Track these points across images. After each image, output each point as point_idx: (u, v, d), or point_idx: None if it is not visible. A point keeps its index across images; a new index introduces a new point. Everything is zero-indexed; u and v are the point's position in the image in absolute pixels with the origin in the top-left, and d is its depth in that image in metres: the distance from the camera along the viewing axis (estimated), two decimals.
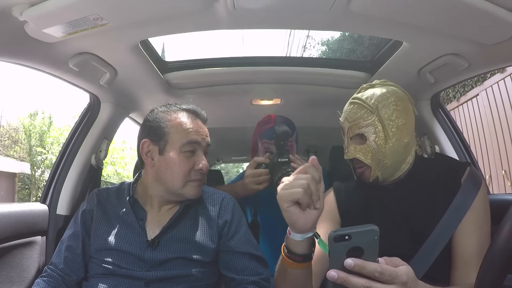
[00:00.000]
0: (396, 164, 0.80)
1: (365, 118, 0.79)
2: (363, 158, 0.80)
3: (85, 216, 0.88)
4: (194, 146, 0.85)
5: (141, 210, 0.86)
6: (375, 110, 0.79)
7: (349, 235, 0.48)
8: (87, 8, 0.70)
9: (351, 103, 0.83)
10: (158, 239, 0.82)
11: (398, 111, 0.79)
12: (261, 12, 0.81)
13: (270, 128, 1.20)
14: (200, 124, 0.89)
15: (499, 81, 3.40)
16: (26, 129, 9.22)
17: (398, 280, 0.49)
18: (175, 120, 0.85)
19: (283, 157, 1.00)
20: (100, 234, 0.84)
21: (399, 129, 0.79)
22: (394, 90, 0.81)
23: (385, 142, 0.78)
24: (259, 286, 0.84)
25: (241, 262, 0.86)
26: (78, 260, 0.84)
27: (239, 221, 0.90)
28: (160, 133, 0.84)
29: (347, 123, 0.83)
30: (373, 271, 0.48)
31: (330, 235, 0.49)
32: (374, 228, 0.49)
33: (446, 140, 1.24)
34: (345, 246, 0.49)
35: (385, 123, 0.78)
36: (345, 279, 0.48)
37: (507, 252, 0.46)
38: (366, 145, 0.79)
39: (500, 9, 0.70)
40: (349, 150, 0.82)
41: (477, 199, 0.76)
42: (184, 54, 69.31)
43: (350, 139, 0.82)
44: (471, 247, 0.73)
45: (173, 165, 0.83)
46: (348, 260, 0.48)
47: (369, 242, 0.49)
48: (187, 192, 0.84)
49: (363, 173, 0.83)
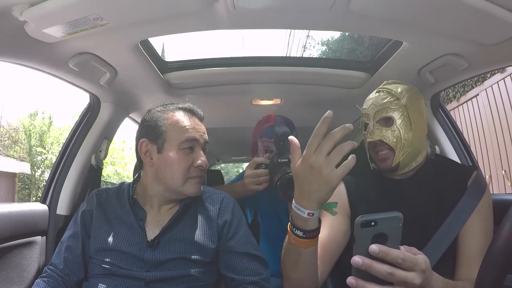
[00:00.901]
0: (415, 154, 0.83)
1: (393, 103, 0.83)
2: (388, 140, 0.82)
3: (84, 217, 0.88)
4: (192, 143, 0.85)
5: (141, 210, 0.86)
6: (402, 97, 0.82)
7: (375, 221, 0.49)
8: (87, 8, 0.70)
9: (379, 91, 0.86)
10: (158, 240, 0.82)
11: (419, 105, 0.84)
12: (261, 12, 0.81)
13: (270, 127, 1.20)
14: (197, 121, 0.89)
15: (499, 81, 3.40)
16: (26, 129, 9.22)
17: (418, 268, 0.51)
18: (172, 118, 0.86)
19: (282, 157, 1.00)
20: (100, 235, 0.84)
21: (420, 121, 0.83)
22: (412, 87, 0.86)
23: (409, 128, 0.81)
24: (259, 286, 0.84)
25: (241, 262, 0.86)
26: (78, 260, 0.84)
27: (239, 221, 0.90)
28: (158, 132, 0.84)
29: (374, 107, 0.85)
30: (396, 258, 0.49)
31: (357, 221, 0.49)
32: (399, 215, 0.49)
33: (446, 140, 1.24)
34: (370, 232, 0.49)
35: (411, 110, 0.82)
36: (369, 265, 0.49)
37: (507, 252, 0.47)
38: (392, 129, 0.82)
39: (500, 9, 0.70)
40: (374, 132, 0.84)
41: (482, 202, 0.78)
42: (184, 54, 69.27)
43: (376, 122, 0.84)
44: (475, 245, 0.75)
45: (172, 163, 0.83)
46: (373, 246, 0.48)
47: (393, 228, 0.49)
48: (187, 190, 0.84)
49: (386, 158, 0.84)
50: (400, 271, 0.50)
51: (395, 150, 0.82)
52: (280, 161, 1.00)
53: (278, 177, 0.94)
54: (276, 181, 0.93)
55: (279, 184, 0.92)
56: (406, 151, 0.81)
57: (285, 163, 0.98)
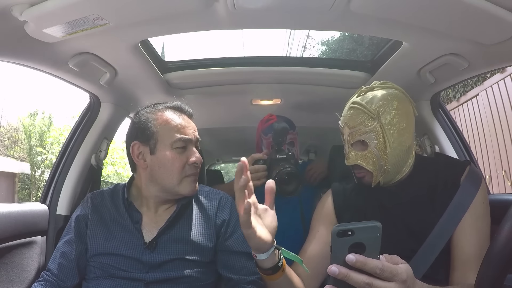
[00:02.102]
0: (397, 168, 0.79)
1: (366, 124, 0.77)
2: (364, 164, 0.79)
3: (79, 223, 0.87)
4: (185, 142, 0.84)
5: (136, 213, 0.86)
6: (376, 116, 0.76)
7: (352, 230, 0.48)
8: (87, 8, 0.70)
9: (351, 107, 0.80)
10: (155, 241, 0.82)
11: (399, 115, 0.77)
12: (261, 12, 0.81)
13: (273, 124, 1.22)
14: (186, 119, 0.88)
15: (499, 81, 3.40)
16: (26, 129, 9.22)
17: (398, 278, 0.50)
18: (162, 118, 0.85)
19: (281, 153, 1.00)
20: (97, 239, 0.84)
21: (400, 133, 0.77)
22: (394, 93, 0.79)
23: (386, 148, 0.76)
24: (257, 285, 0.83)
25: (239, 261, 0.85)
26: (72, 266, 0.84)
27: (236, 220, 0.89)
28: (149, 133, 0.83)
29: (347, 129, 0.80)
30: (374, 268, 0.48)
31: (334, 230, 0.49)
32: (377, 225, 0.49)
33: (446, 140, 1.24)
34: (347, 241, 0.49)
35: (386, 128, 0.76)
36: (346, 275, 0.48)
37: (507, 252, 0.46)
38: (368, 151, 0.78)
39: (500, 9, 0.70)
40: (350, 156, 0.81)
41: (476, 199, 0.75)
42: (184, 54, 69.29)
43: (350, 145, 0.81)
44: (469, 248, 0.72)
45: (167, 162, 0.82)
46: (350, 256, 0.48)
47: (371, 238, 0.49)
48: (183, 189, 0.84)
49: (364, 177, 0.82)
50: (378, 282, 0.49)
51: (373, 172, 0.79)
52: (278, 157, 1.00)
53: (276, 172, 0.94)
54: (274, 176, 0.94)
55: (277, 179, 0.92)
56: (386, 170, 0.78)
57: (284, 159, 0.99)
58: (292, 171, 0.93)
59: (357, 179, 0.85)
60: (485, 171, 3.57)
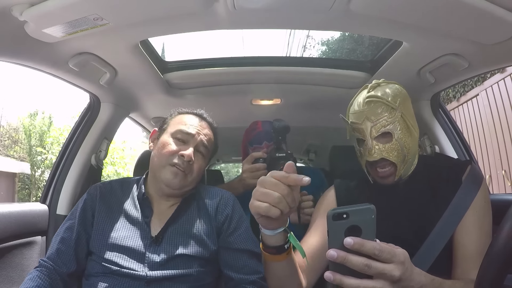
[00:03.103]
0: (413, 159, 0.81)
1: (388, 115, 0.77)
2: (390, 156, 0.77)
3: (85, 210, 0.87)
4: (186, 136, 0.88)
5: (148, 207, 0.88)
6: (398, 106, 0.78)
7: (347, 213, 0.49)
8: (87, 8, 0.70)
9: (369, 101, 0.79)
10: (161, 235, 0.83)
11: (410, 105, 0.82)
12: (261, 12, 0.81)
13: (258, 133, 1.19)
14: (203, 124, 0.93)
15: (499, 81, 3.40)
16: (26, 129, 9.21)
17: (396, 259, 0.50)
18: (180, 115, 0.95)
19: (280, 152, 1.00)
20: (104, 229, 0.84)
21: (414, 123, 0.81)
22: (400, 88, 0.82)
23: (408, 137, 0.78)
24: (258, 285, 0.83)
25: (240, 259, 0.85)
26: (70, 252, 0.83)
27: (239, 217, 0.90)
28: (165, 123, 0.94)
29: (368, 122, 0.78)
30: (372, 249, 0.48)
31: (329, 213, 0.49)
32: (371, 207, 0.49)
33: (446, 140, 1.24)
34: (343, 225, 0.49)
35: (407, 118, 0.78)
36: (344, 258, 0.49)
37: (507, 252, 0.46)
38: (392, 143, 0.77)
39: (500, 9, 0.70)
40: (375, 151, 0.78)
41: (478, 197, 0.76)
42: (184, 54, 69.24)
43: (374, 139, 0.78)
44: (472, 245, 0.73)
45: (162, 147, 0.87)
46: (348, 239, 0.48)
47: (366, 221, 0.49)
48: (163, 175, 0.85)
49: (388, 175, 0.80)
50: (377, 263, 0.49)
51: (397, 164, 0.77)
52: (278, 156, 1.00)
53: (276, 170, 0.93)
54: None
55: None
56: (406, 161, 0.78)
57: (283, 157, 0.99)
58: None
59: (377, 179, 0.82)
60: (485, 171, 3.57)
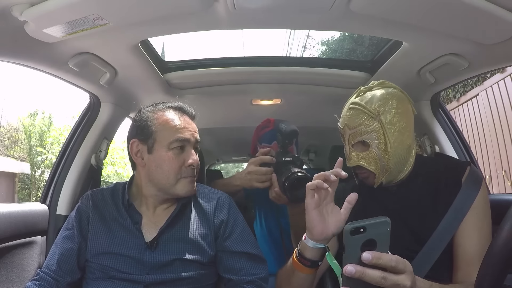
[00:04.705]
0: (399, 167, 0.79)
1: (366, 124, 0.77)
2: (366, 165, 0.78)
3: (80, 218, 0.86)
4: (182, 143, 0.83)
5: (136, 213, 0.86)
6: (376, 115, 0.76)
7: (364, 227, 0.49)
8: (87, 8, 0.70)
9: (350, 108, 0.80)
10: (156, 241, 0.82)
11: (399, 114, 0.77)
12: (261, 12, 0.81)
13: (269, 132, 1.19)
14: (187, 120, 0.87)
15: (499, 81, 3.40)
16: (26, 129, 9.21)
17: (408, 269, 0.51)
18: (162, 118, 0.84)
19: (287, 156, 0.99)
20: (98, 238, 0.83)
21: (400, 132, 0.77)
22: (393, 92, 0.79)
23: (387, 148, 0.76)
24: (256, 285, 0.83)
25: (238, 262, 0.85)
26: (72, 261, 0.83)
27: (235, 220, 0.89)
28: (148, 132, 0.83)
29: (347, 130, 0.80)
30: (389, 262, 0.49)
31: (346, 228, 0.49)
32: (387, 220, 0.50)
33: (446, 140, 1.24)
34: (360, 239, 0.49)
35: (387, 128, 0.76)
36: (362, 273, 0.49)
37: (507, 252, 0.46)
38: (369, 152, 0.77)
39: (500, 9, 0.70)
40: (351, 157, 0.80)
41: (478, 199, 0.75)
42: (184, 54, 69.25)
43: (351, 146, 0.80)
44: (472, 247, 0.72)
45: (163, 163, 0.82)
46: (366, 254, 0.48)
47: (381, 234, 0.50)
48: (180, 190, 0.83)
49: (367, 178, 0.81)
50: (392, 275, 0.50)
51: (375, 173, 0.78)
52: (285, 160, 0.98)
53: (285, 177, 0.91)
54: (283, 181, 0.91)
55: (287, 185, 0.89)
56: (388, 170, 0.77)
57: (290, 162, 0.97)
58: (302, 176, 0.89)
59: (359, 180, 0.85)
60: (485, 171, 3.57)
